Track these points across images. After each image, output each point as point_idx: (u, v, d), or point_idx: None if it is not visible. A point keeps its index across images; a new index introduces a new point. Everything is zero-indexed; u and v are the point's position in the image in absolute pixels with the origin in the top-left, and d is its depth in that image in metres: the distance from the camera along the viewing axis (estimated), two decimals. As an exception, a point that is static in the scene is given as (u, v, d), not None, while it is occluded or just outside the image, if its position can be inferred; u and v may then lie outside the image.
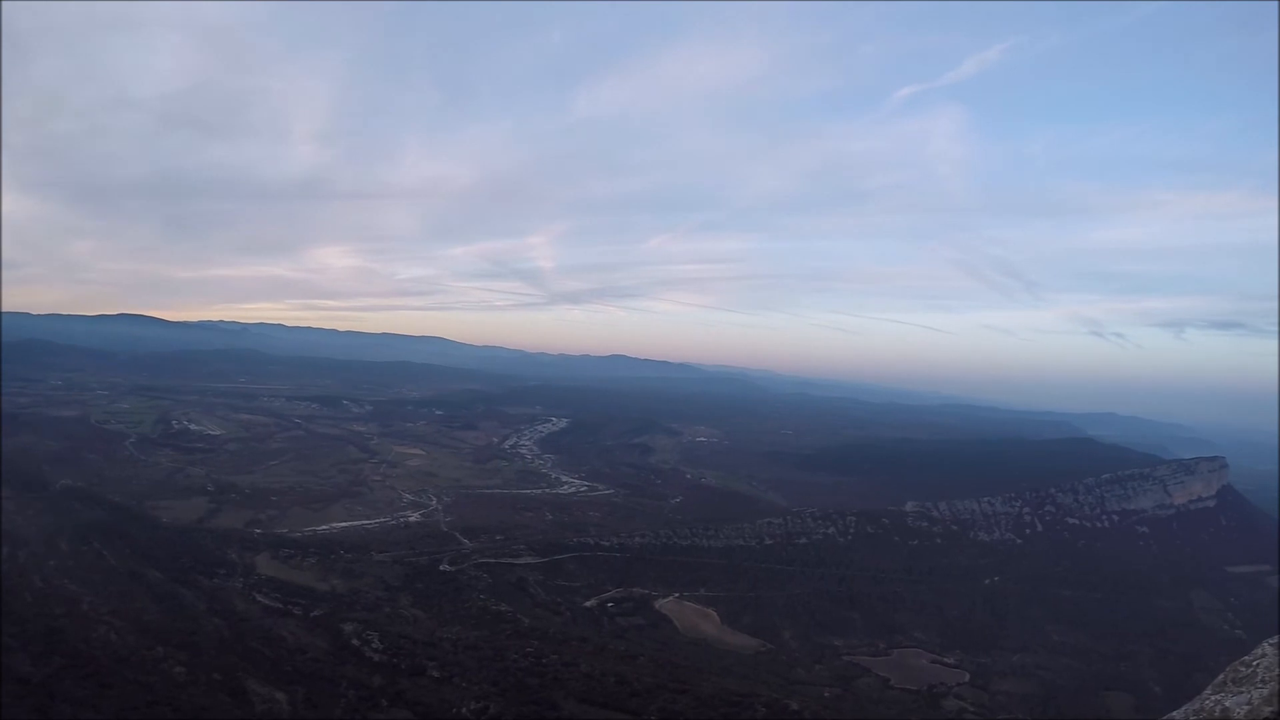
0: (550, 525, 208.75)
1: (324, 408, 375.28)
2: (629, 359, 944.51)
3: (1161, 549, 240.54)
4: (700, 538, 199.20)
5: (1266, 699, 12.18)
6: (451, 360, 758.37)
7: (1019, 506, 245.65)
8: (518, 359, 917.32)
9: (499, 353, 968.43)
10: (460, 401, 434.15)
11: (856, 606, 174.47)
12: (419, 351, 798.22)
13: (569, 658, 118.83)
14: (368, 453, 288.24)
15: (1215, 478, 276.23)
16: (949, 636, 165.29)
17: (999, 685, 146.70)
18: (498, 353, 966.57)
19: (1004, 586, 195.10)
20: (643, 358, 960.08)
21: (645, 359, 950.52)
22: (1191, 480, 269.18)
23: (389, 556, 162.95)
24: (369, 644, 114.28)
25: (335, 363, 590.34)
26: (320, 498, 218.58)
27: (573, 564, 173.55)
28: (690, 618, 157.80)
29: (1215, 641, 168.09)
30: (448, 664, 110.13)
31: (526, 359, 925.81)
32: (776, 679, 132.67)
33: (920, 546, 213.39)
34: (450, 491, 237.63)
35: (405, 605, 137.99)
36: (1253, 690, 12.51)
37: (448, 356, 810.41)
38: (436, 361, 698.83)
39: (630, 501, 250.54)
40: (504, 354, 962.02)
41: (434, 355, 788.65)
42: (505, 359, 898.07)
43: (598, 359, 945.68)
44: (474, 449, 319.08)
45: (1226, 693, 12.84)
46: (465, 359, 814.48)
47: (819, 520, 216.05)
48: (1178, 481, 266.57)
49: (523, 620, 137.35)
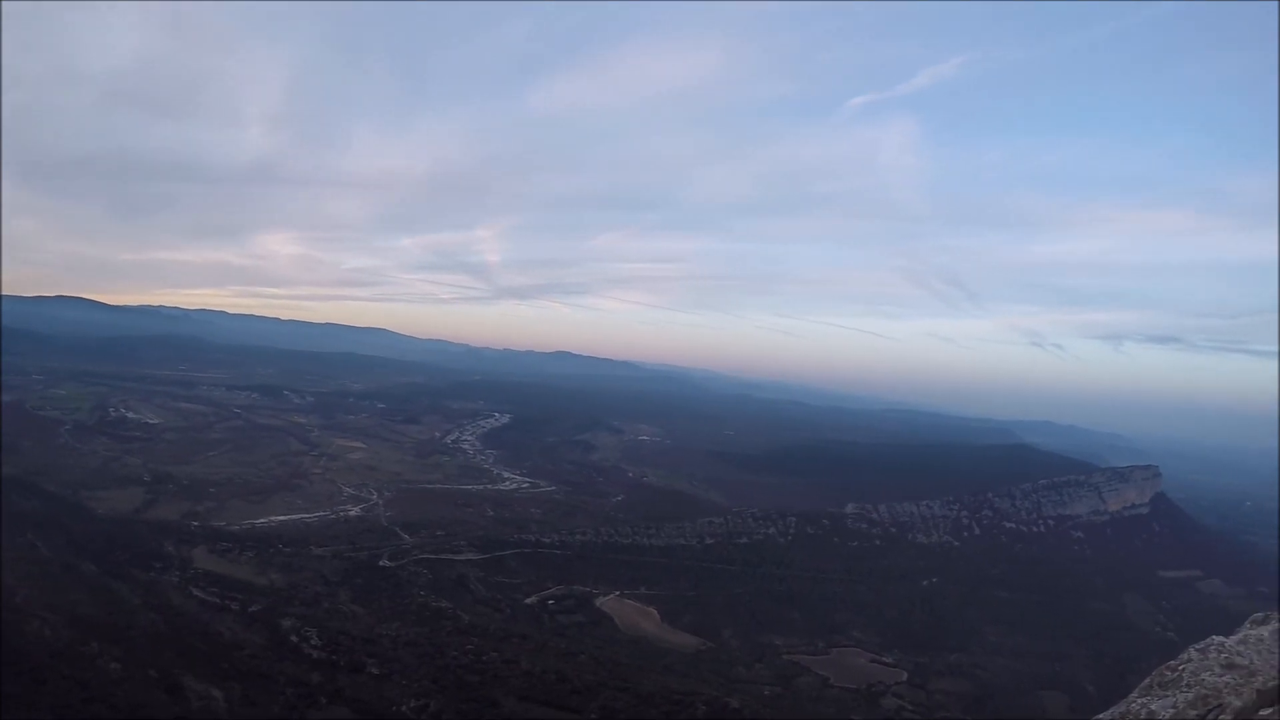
0: (491, 521, 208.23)
1: (265, 398, 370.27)
2: (573, 356, 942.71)
3: (1096, 553, 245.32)
4: (641, 536, 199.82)
5: (1191, 703, 12.66)
6: (395, 353, 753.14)
7: (957, 510, 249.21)
8: (462, 353, 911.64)
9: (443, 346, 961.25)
10: (403, 395, 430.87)
11: (796, 606, 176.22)
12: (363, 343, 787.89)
13: (509, 655, 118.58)
14: (308, 445, 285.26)
15: (1149, 485, 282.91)
16: (887, 636, 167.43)
17: (937, 684, 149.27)
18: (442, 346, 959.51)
19: (942, 588, 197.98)
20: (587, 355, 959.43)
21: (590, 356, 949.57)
22: (1126, 487, 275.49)
23: (328, 551, 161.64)
24: (307, 640, 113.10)
25: (277, 352, 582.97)
26: (259, 490, 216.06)
27: (514, 561, 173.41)
28: (631, 616, 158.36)
29: (1148, 643, 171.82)
30: (387, 661, 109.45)
31: (471, 353, 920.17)
32: (717, 677, 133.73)
33: (860, 548, 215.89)
34: (391, 486, 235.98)
35: (344, 601, 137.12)
36: (1178, 694, 12.98)
37: (392, 349, 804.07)
38: (380, 353, 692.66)
39: (572, 499, 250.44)
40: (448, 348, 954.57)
41: (378, 347, 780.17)
42: (449, 353, 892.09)
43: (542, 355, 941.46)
44: (416, 443, 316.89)
45: (1153, 696, 13.31)
46: (409, 352, 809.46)
47: (759, 520, 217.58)
48: (1112, 488, 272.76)
49: (463, 617, 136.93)
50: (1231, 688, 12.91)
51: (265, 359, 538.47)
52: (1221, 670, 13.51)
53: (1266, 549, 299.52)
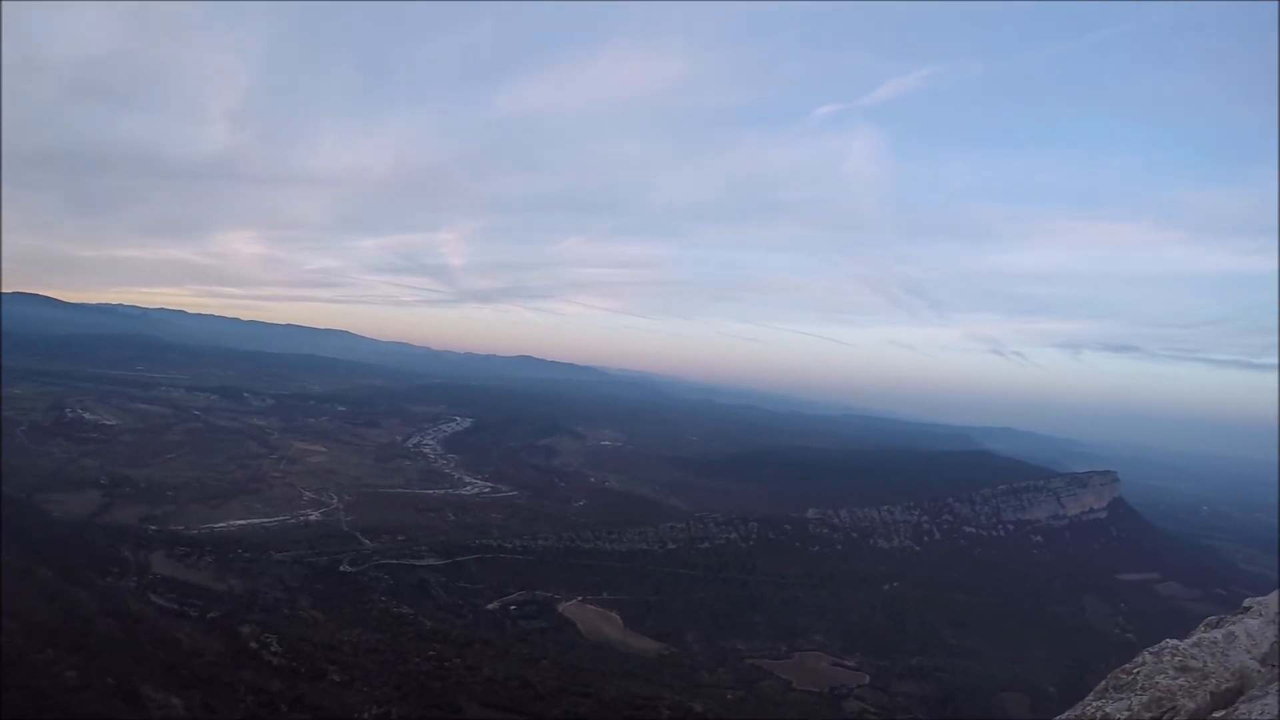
0: (453, 526, 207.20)
1: (224, 400, 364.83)
2: (536, 360, 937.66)
3: (1055, 557, 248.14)
4: (603, 541, 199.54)
5: (1146, 705, 12.78)
6: (356, 355, 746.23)
7: (918, 515, 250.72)
8: (424, 356, 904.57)
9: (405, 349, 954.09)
10: (364, 398, 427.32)
11: (758, 610, 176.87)
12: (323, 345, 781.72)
13: (472, 661, 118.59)
14: (268, 448, 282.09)
15: (1107, 490, 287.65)
16: (849, 640, 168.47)
17: (899, 687, 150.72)
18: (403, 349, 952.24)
19: (903, 592, 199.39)
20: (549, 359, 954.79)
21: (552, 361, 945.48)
22: (1084, 493, 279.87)
23: (288, 556, 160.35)
24: (268, 647, 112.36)
25: (237, 353, 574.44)
26: (218, 494, 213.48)
27: (475, 566, 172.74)
28: (593, 621, 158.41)
29: (1106, 645, 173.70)
30: (348, 667, 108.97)
31: (432, 356, 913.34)
32: (680, 682, 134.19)
33: (821, 552, 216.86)
34: (351, 490, 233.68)
35: (305, 607, 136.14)
36: (1133, 697, 13.06)
37: (352, 351, 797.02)
38: (341, 356, 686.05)
39: (534, 504, 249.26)
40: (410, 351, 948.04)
41: (338, 349, 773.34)
42: (411, 356, 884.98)
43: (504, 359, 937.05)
44: (376, 447, 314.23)
45: (1108, 699, 13.37)
46: (370, 354, 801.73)
47: (721, 525, 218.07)
48: (1071, 494, 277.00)
49: (425, 623, 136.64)
50: (1185, 690, 13.06)
51: (225, 360, 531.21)
52: (1175, 673, 13.59)
53: (1223, 552, 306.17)
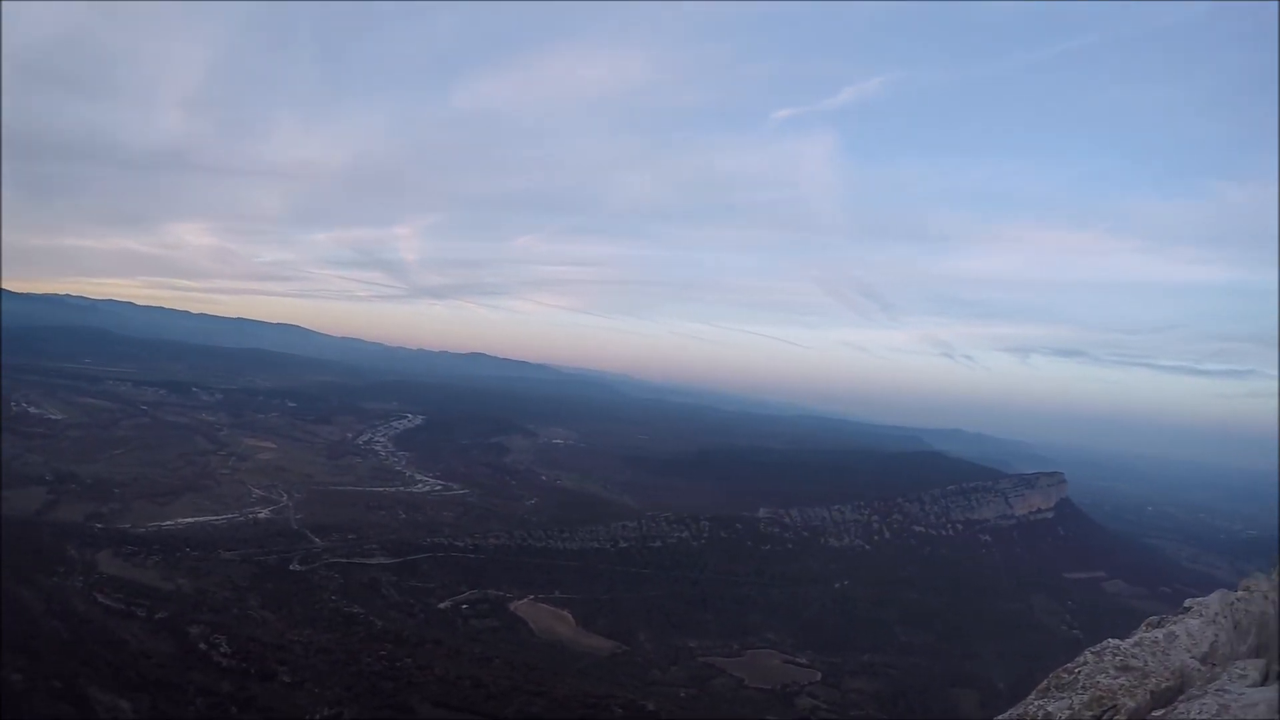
0: (404, 525, 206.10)
1: (172, 394, 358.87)
2: (489, 357, 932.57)
3: (1003, 556, 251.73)
4: (555, 540, 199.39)
5: (1087, 704, 13.01)
6: (308, 350, 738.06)
7: (868, 514, 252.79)
8: (376, 352, 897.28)
9: (357, 345, 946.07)
10: (315, 394, 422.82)
11: (710, 609, 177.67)
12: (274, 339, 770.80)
13: (423, 660, 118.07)
14: (216, 444, 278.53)
15: (1054, 491, 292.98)
16: (801, 637, 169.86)
17: (850, 683, 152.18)
18: (356, 345, 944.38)
19: (854, 590, 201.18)
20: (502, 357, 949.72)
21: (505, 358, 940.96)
22: (1031, 493, 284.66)
23: (237, 555, 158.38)
24: (217, 648, 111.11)
25: (187, 347, 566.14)
26: (166, 491, 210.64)
27: (427, 565, 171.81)
28: (545, 620, 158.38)
29: (1054, 641, 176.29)
30: (299, 668, 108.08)
31: (385, 352, 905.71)
32: (632, 680, 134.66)
33: (772, 551, 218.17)
34: (301, 487, 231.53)
35: (254, 607, 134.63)
36: (1074, 696, 13.26)
37: (304, 346, 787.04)
38: (292, 351, 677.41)
39: (485, 502, 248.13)
40: (362, 346, 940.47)
41: (290, 344, 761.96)
42: (363, 351, 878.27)
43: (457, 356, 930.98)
44: (327, 444, 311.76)
45: (1050, 698, 13.52)
46: (322, 349, 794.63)
47: (673, 524, 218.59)
48: (1018, 494, 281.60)
49: (376, 622, 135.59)
50: (1126, 689, 13.32)
51: (174, 353, 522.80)
52: (1116, 672, 13.82)
53: (1167, 551, 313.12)
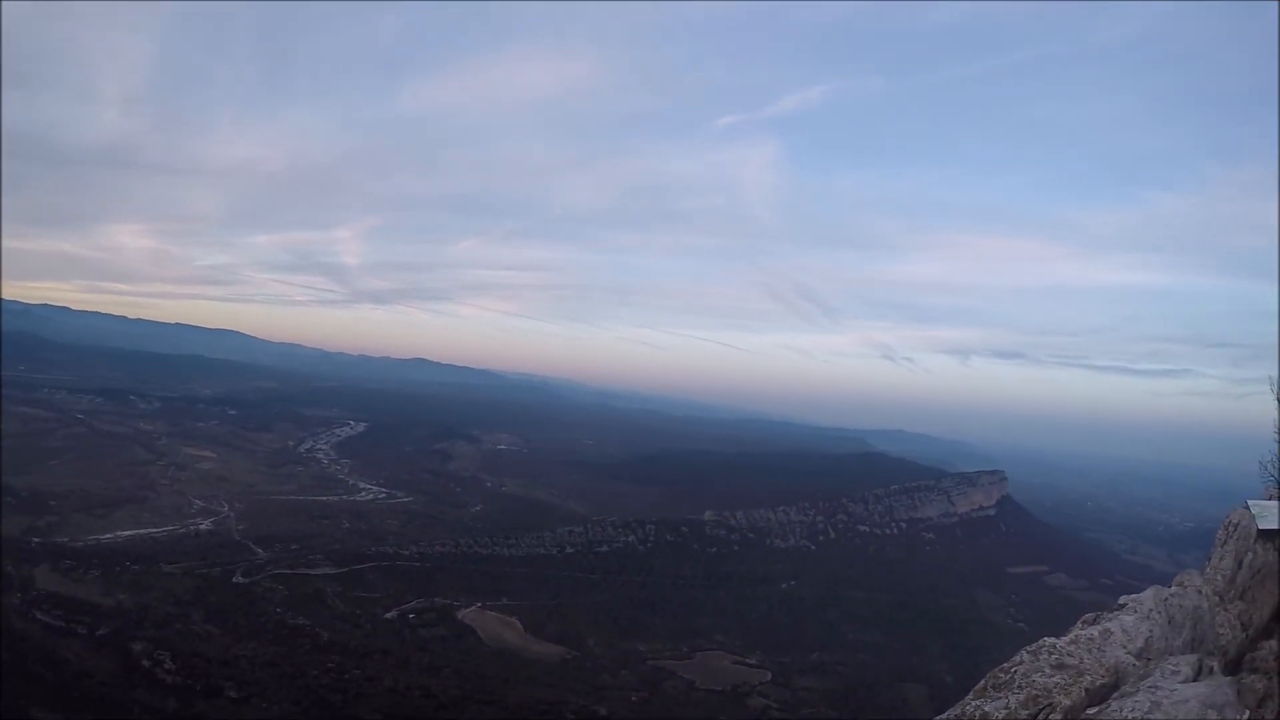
0: (348, 534, 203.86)
1: (109, 402, 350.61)
2: (431, 363, 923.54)
3: (947, 553, 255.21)
4: (501, 546, 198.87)
5: (1023, 703, 13.00)
6: (247, 356, 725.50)
7: (813, 515, 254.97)
8: (317, 358, 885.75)
9: (297, 350, 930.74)
10: (255, 401, 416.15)
11: (658, 612, 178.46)
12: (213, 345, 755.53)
13: (372, 672, 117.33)
14: (156, 454, 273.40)
15: (995, 489, 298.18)
16: (750, 638, 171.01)
17: (800, 682, 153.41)
18: (296, 350, 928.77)
19: (800, 590, 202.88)
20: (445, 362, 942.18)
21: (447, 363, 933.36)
22: (973, 491, 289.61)
23: (179, 568, 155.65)
24: (160, 664, 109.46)
25: (123, 353, 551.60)
26: (104, 503, 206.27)
27: (372, 574, 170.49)
28: (494, 627, 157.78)
29: (999, 634, 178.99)
30: (245, 683, 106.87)
31: (326, 358, 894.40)
32: (583, 685, 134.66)
33: (719, 553, 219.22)
34: (243, 497, 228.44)
35: (197, 621, 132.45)
36: (1010, 695, 13.24)
37: (243, 352, 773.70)
38: (231, 357, 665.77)
39: (430, 509, 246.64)
40: (302, 352, 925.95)
41: (229, 350, 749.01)
42: (304, 357, 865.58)
43: (399, 361, 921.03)
44: (269, 452, 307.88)
45: (987, 698, 13.46)
46: (262, 356, 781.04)
47: (619, 528, 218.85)
48: (961, 492, 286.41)
49: (322, 634, 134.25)
50: (1061, 687, 13.32)
51: (110, 360, 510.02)
52: (1052, 671, 13.81)
53: (1107, 544, 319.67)
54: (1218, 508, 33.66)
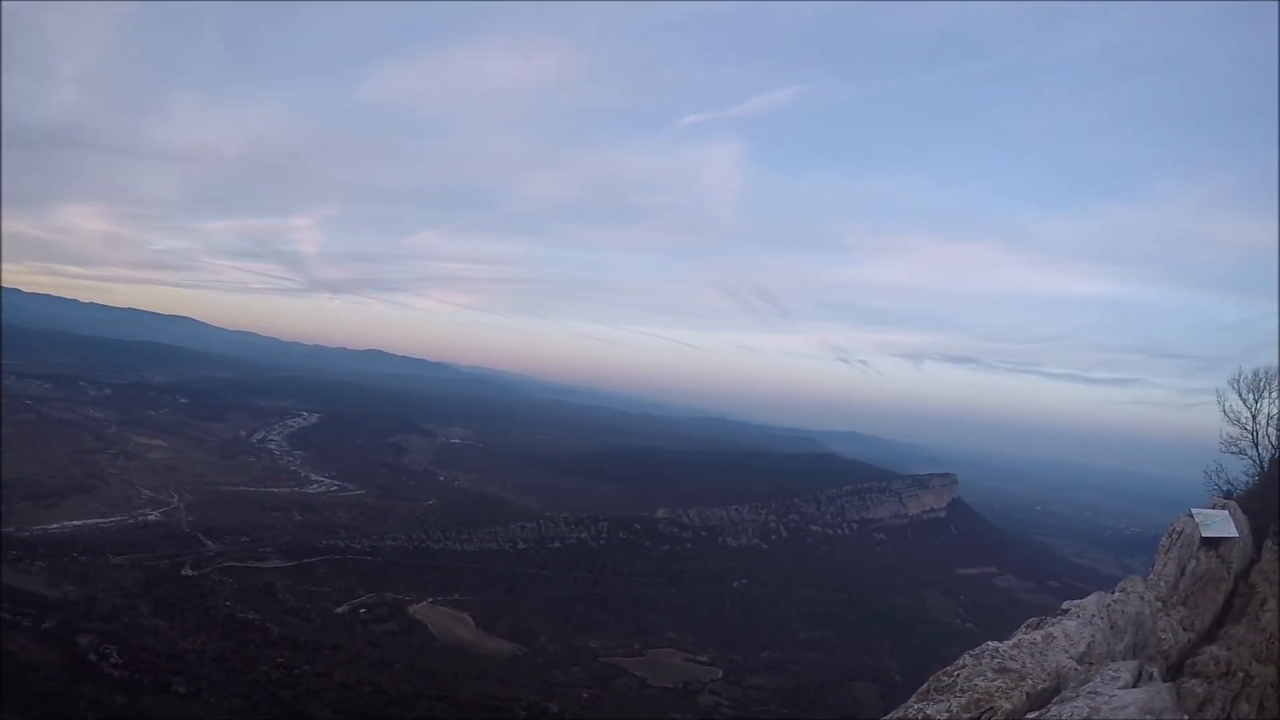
0: (299, 526, 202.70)
1: (59, 388, 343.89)
2: (386, 354, 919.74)
3: (898, 554, 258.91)
4: (454, 541, 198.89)
5: (965, 707, 13.34)
6: (201, 344, 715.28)
7: (765, 514, 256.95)
8: (271, 347, 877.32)
9: (251, 339, 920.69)
10: (208, 390, 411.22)
11: (610, 609, 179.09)
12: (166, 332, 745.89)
13: (322, 667, 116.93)
14: (105, 442, 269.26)
15: (946, 491, 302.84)
16: (701, 636, 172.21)
17: (751, 680, 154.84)
18: (250, 339, 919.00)
19: (752, 589, 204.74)
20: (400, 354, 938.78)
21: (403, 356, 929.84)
22: (924, 493, 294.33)
23: (127, 560, 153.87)
24: (108, 659, 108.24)
25: (74, 338, 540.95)
26: (51, 492, 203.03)
27: (323, 568, 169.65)
28: (445, 623, 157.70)
29: (948, 634, 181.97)
30: (194, 678, 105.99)
31: (280, 348, 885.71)
32: (535, 682, 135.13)
33: (671, 551, 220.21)
34: (193, 488, 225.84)
35: (145, 614, 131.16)
36: (953, 699, 13.57)
37: (197, 340, 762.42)
38: (184, 344, 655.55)
39: (382, 503, 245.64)
40: (257, 341, 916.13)
41: (182, 337, 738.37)
42: (258, 346, 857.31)
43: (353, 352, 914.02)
44: (220, 442, 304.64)
45: (929, 701, 13.75)
46: (215, 343, 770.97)
47: (572, 525, 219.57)
48: (912, 494, 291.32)
49: (272, 629, 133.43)
50: (1002, 691, 13.65)
51: (61, 345, 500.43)
52: (994, 675, 14.13)
53: (1055, 548, 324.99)
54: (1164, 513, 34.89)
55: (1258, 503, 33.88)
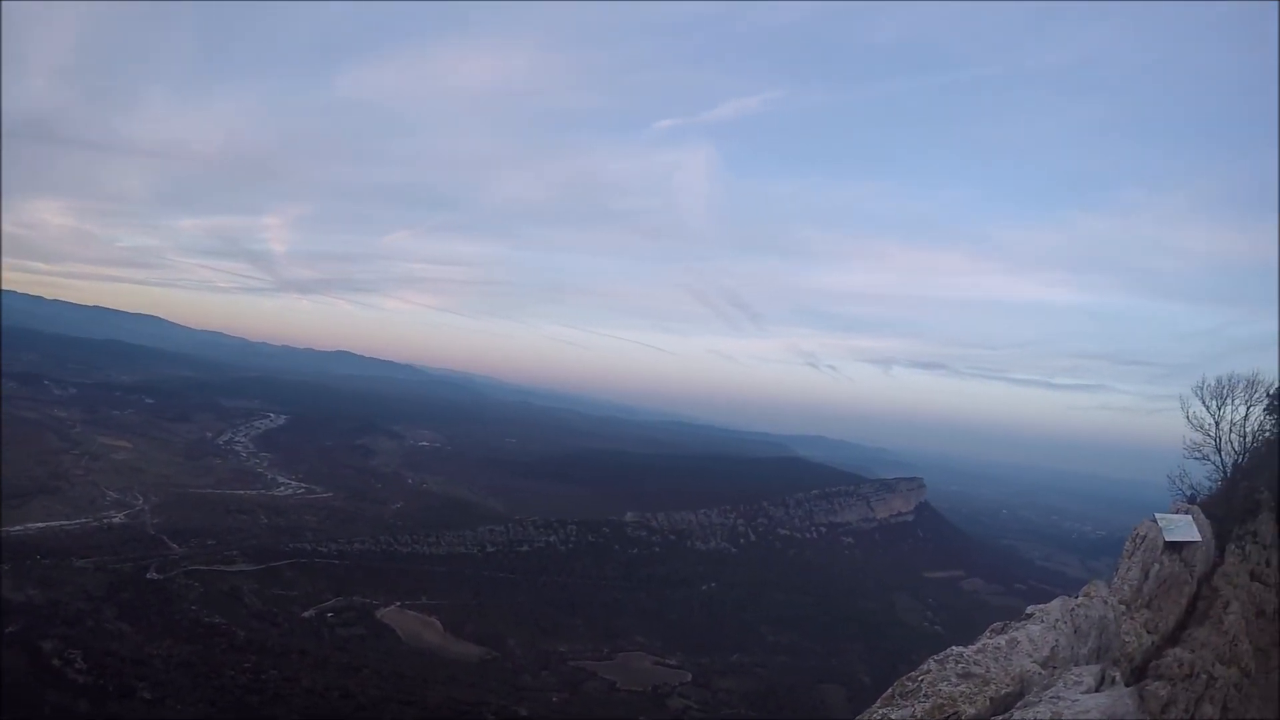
0: (266, 529, 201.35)
1: (22, 387, 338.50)
2: (355, 356, 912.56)
3: (866, 557, 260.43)
4: (422, 545, 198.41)
5: (929, 712, 13.42)
6: (167, 343, 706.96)
7: (734, 518, 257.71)
8: (239, 347, 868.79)
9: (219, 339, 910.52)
10: (174, 390, 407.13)
11: (579, 613, 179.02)
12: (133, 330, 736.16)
13: (289, 672, 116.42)
14: (69, 442, 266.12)
15: (914, 495, 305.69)
16: (670, 639, 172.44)
17: (720, 683, 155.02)
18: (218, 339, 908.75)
19: (721, 592, 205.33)
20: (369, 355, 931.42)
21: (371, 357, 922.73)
22: (892, 497, 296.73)
23: (91, 563, 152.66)
24: (72, 664, 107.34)
25: (38, 335, 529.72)
26: (14, 494, 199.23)
27: (290, 571, 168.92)
28: (413, 627, 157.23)
29: (916, 637, 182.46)
30: (160, 684, 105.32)
31: (248, 348, 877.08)
32: (504, 686, 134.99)
33: (640, 555, 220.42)
34: (159, 490, 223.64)
35: (110, 618, 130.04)
36: (916, 704, 13.60)
37: (164, 339, 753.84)
38: (151, 343, 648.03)
39: (350, 506, 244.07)
40: (224, 340, 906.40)
41: (149, 336, 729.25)
42: (225, 346, 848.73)
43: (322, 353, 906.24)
44: (186, 443, 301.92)
45: (893, 706, 13.78)
46: (182, 343, 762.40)
47: (540, 528, 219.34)
48: (880, 498, 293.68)
49: (238, 633, 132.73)
50: (966, 696, 13.70)
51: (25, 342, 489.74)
52: (958, 680, 14.11)
53: (1022, 551, 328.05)
54: (1129, 517, 35.54)
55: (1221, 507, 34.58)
